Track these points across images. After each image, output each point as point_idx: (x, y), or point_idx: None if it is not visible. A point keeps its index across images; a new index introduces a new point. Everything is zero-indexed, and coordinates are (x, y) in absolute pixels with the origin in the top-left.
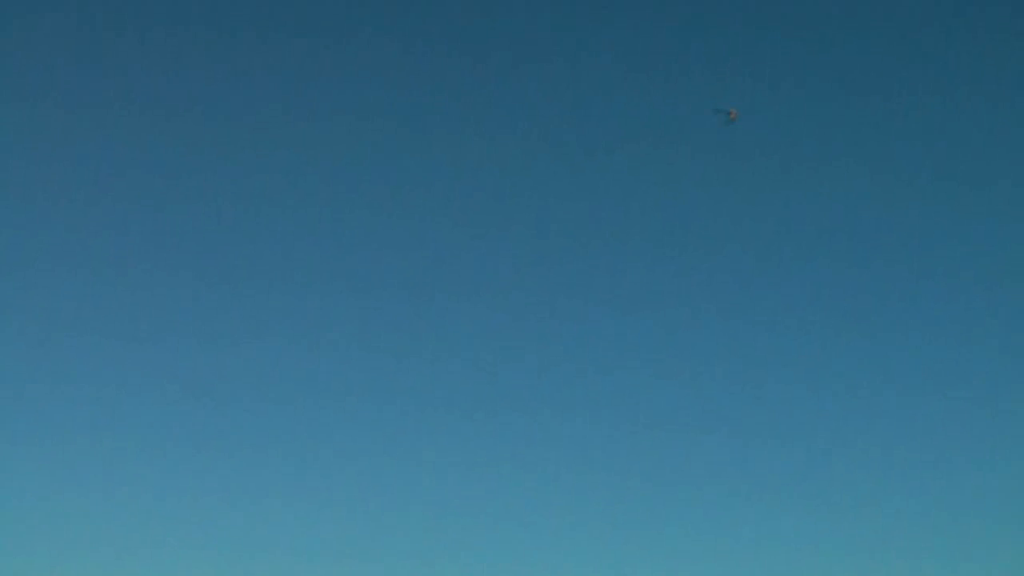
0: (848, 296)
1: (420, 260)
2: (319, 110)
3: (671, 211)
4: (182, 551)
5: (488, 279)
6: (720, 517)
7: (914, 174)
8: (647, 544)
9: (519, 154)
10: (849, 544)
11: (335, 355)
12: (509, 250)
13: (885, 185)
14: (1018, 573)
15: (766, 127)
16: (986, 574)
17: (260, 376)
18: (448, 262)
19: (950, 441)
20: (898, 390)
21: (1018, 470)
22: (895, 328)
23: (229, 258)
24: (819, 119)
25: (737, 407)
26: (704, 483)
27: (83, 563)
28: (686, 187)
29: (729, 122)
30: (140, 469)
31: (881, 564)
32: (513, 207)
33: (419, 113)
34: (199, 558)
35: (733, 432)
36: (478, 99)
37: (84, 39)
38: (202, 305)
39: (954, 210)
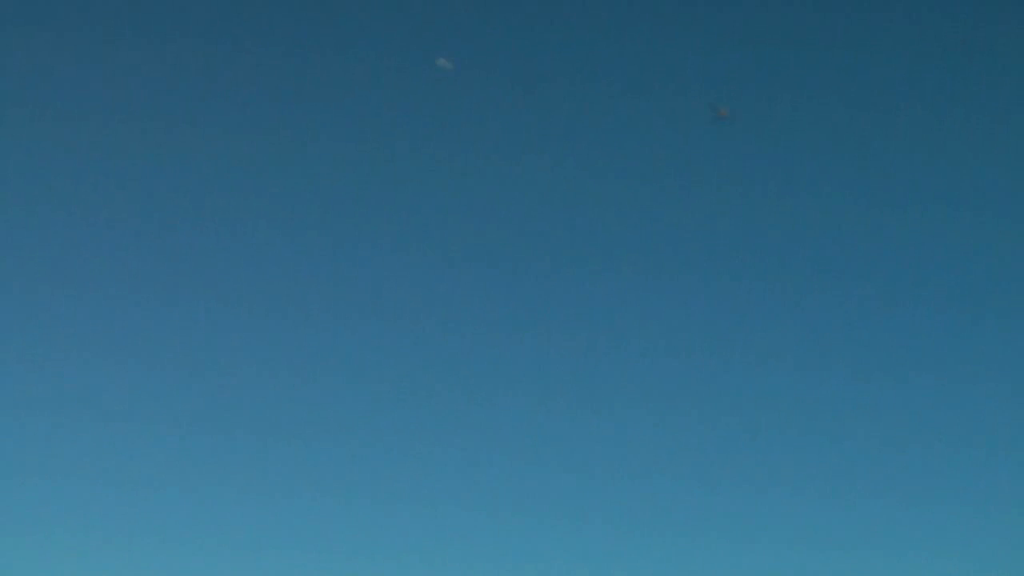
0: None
1: (409, 279)
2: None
3: (667, 221)
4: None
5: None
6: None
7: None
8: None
9: (511, 165)
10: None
11: (335, 380)
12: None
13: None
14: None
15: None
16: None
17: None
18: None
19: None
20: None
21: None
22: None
23: (229, 271)
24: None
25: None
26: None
27: None
28: (681, 197)
29: (719, 119)
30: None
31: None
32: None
33: (409, 124)
34: None
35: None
36: (470, 109)
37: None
38: (200, 320)
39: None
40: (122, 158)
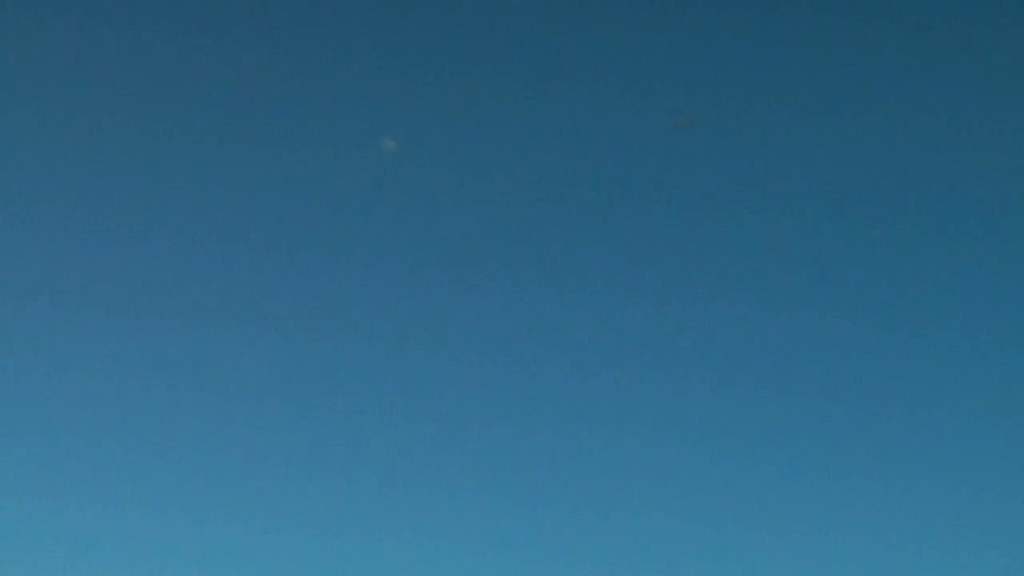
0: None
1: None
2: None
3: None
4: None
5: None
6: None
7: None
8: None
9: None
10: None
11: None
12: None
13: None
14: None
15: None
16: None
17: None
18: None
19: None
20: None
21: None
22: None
23: (229, 271)
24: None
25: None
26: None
27: None
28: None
29: (680, 126)
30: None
31: None
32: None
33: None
34: None
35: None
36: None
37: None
38: (193, 327)
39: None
40: (121, 159)
